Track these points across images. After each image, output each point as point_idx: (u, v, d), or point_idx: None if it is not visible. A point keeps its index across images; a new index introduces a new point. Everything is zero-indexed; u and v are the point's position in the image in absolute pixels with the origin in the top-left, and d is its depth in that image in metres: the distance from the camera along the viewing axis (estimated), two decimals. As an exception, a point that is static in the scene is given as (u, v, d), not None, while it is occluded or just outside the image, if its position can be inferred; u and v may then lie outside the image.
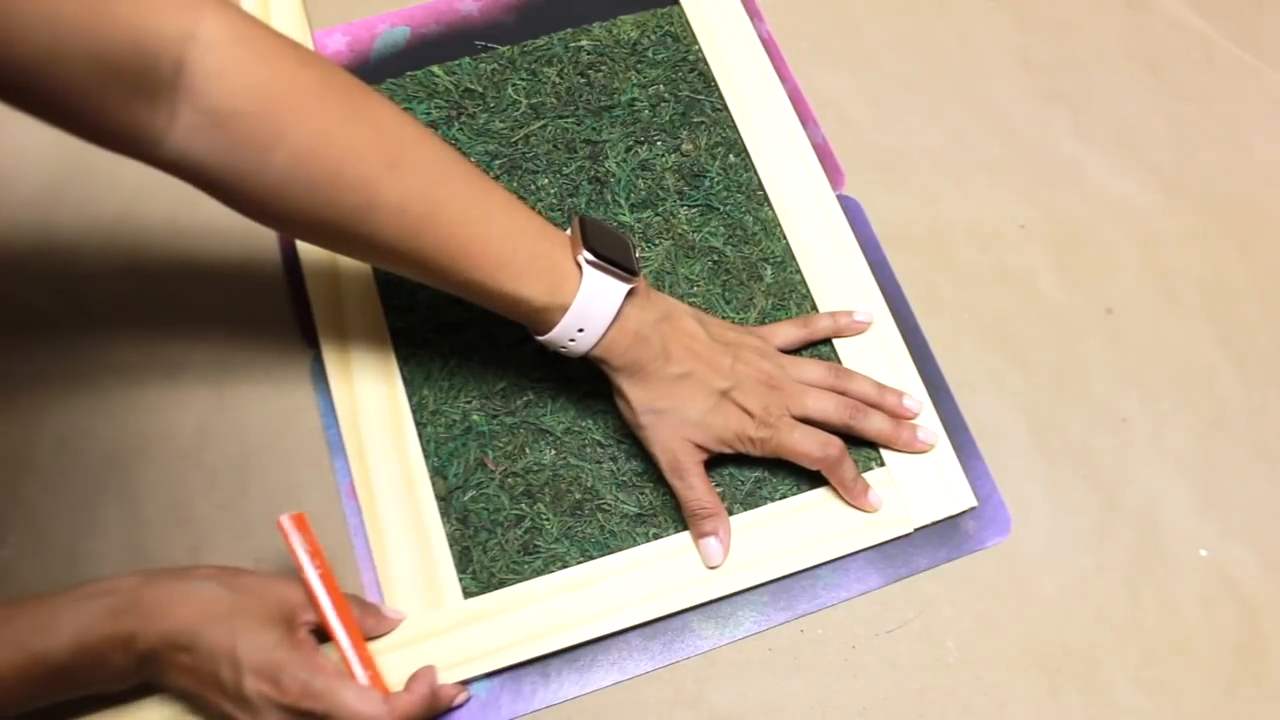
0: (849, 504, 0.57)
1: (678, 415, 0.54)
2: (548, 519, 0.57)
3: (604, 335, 0.51)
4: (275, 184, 0.45)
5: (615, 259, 0.51)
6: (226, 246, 0.63)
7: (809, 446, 0.55)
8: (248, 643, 0.47)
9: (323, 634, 0.51)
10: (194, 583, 0.48)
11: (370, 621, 0.53)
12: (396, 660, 0.53)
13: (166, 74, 0.41)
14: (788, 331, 0.60)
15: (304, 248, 0.62)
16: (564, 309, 0.50)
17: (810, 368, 0.58)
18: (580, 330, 0.51)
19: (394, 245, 0.48)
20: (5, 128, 0.65)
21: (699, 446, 0.54)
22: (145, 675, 0.48)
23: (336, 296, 0.61)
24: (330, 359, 0.60)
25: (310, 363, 0.60)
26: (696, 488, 0.54)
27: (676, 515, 0.57)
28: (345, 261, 0.62)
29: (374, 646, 0.53)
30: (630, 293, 0.52)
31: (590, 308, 0.50)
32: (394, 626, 0.53)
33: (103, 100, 0.41)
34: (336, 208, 0.46)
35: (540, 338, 0.52)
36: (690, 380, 0.53)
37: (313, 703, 0.47)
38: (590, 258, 0.50)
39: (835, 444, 0.55)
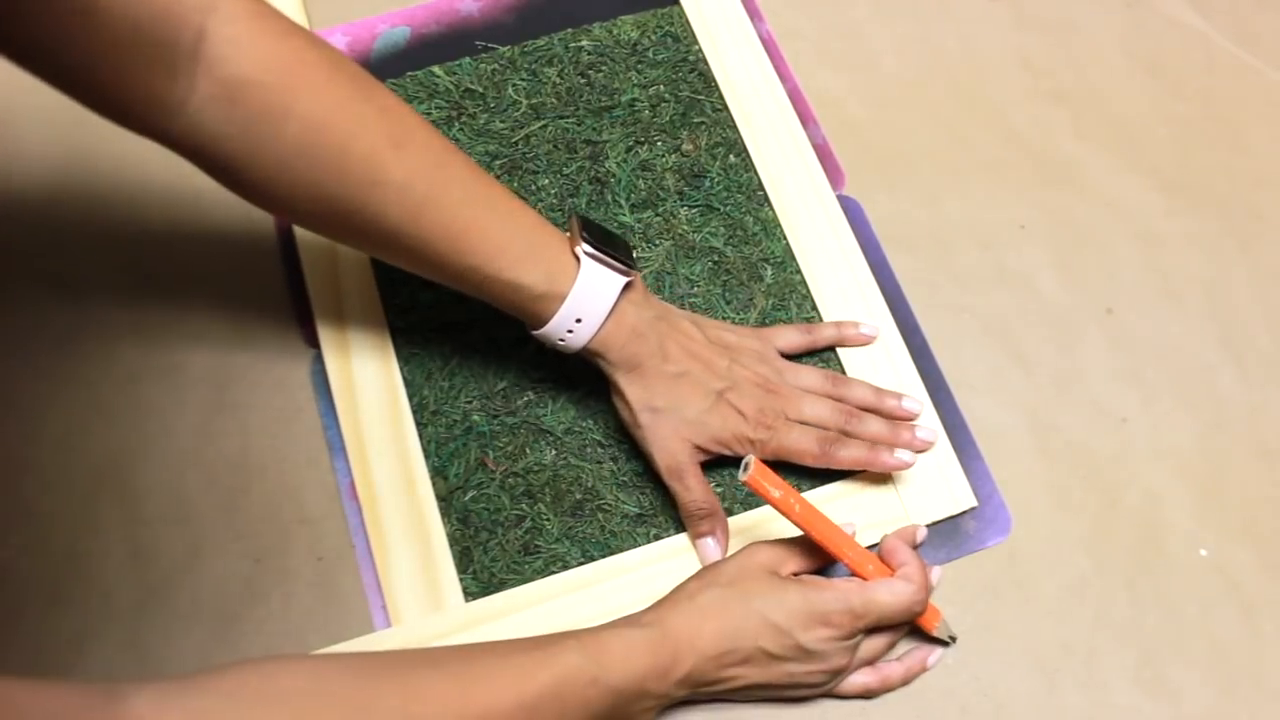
0: (883, 472, 0.57)
1: (675, 415, 0.54)
2: (548, 519, 0.57)
3: (601, 328, 0.52)
4: (285, 157, 0.46)
5: (612, 252, 0.52)
6: (227, 246, 0.63)
7: (808, 444, 0.55)
8: (776, 610, 0.48)
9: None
10: (697, 599, 0.49)
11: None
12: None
13: (188, 43, 0.43)
14: (790, 336, 0.60)
15: (304, 246, 0.62)
16: (561, 298, 0.50)
17: (807, 374, 0.58)
18: (578, 321, 0.51)
19: (396, 225, 0.48)
20: (6, 128, 0.65)
21: (697, 447, 0.54)
22: (681, 698, 0.49)
23: (336, 296, 0.61)
24: (330, 359, 0.60)
25: (310, 363, 0.60)
26: (694, 489, 0.54)
27: (677, 516, 0.57)
28: (345, 261, 0.62)
29: (370, 649, 0.53)
30: (628, 288, 0.52)
31: (587, 298, 0.51)
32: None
33: (128, 68, 0.42)
34: (342, 183, 0.47)
35: (537, 332, 0.52)
36: (687, 380, 0.54)
37: (864, 621, 0.50)
38: (588, 249, 0.51)
39: (831, 435, 0.56)
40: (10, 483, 0.57)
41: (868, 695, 0.53)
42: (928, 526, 0.57)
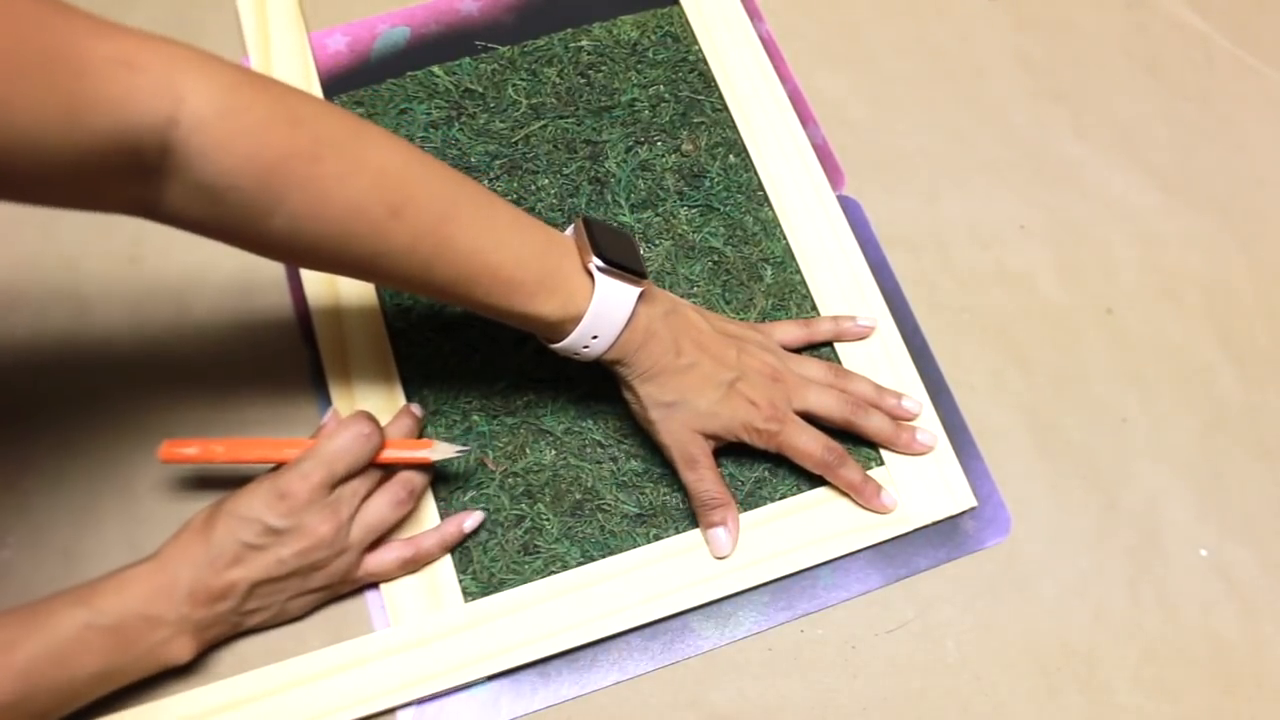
0: (862, 506, 0.57)
1: (688, 408, 0.54)
2: (548, 519, 0.57)
3: (617, 339, 0.51)
4: (278, 241, 0.45)
5: (625, 263, 0.51)
6: (227, 246, 0.63)
7: (813, 448, 0.55)
8: (243, 504, 0.50)
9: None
10: (191, 522, 0.52)
11: (395, 426, 0.56)
12: (399, 662, 0.53)
13: (151, 158, 0.40)
14: (790, 330, 0.60)
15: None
16: (578, 319, 0.50)
17: (811, 365, 0.58)
18: (594, 337, 0.51)
19: (405, 280, 0.48)
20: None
21: (709, 437, 0.55)
22: (214, 621, 0.51)
23: (336, 295, 0.61)
24: (329, 358, 0.60)
25: (310, 363, 0.60)
26: (707, 478, 0.55)
27: (676, 516, 0.57)
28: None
29: (373, 650, 0.53)
30: (639, 295, 0.52)
31: (603, 315, 0.50)
32: (416, 419, 0.57)
33: (86, 189, 0.40)
34: (342, 256, 0.46)
35: (553, 346, 0.52)
36: (696, 371, 0.54)
37: (318, 476, 0.50)
38: (601, 265, 0.50)
39: (837, 449, 0.56)
40: (10, 482, 0.57)
41: (410, 569, 0.54)
42: (927, 526, 0.57)
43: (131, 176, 0.41)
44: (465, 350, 0.61)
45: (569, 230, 0.53)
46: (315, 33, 0.69)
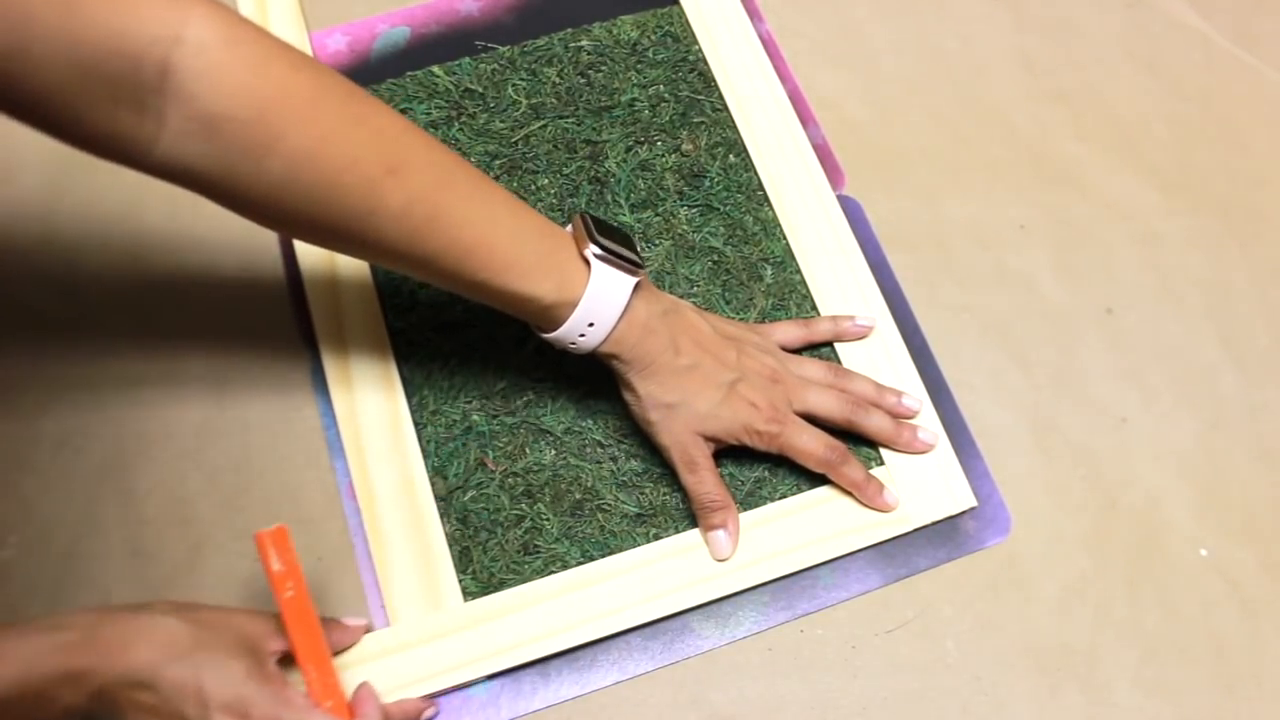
0: (865, 505, 0.57)
1: (688, 409, 0.54)
2: (548, 519, 0.57)
3: (613, 329, 0.51)
4: (271, 189, 0.44)
5: (621, 253, 0.51)
6: (227, 246, 0.63)
7: (815, 447, 0.55)
8: (213, 677, 0.45)
9: (290, 659, 0.50)
10: (153, 618, 0.46)
11: (335, 635, 0.52)
12: (398, 662, 0.53)
13: (150, 78, 0.40)
14: (789, 330, 0.60)
15: (303, 247, 0.62)
16: (573, 305, 0.50)
17: (811, 365, 0.58)
18: (590, 325, 0.51)
19: (397, 248, 0.48)
20: (6, 126, 0.65)
21: (708, 439, 0.54)
22: (98, 716, 0.45)
23: (335, 295, 0.61)
24: (329, 358, 0.60)
25: (310, 363, 0.60)
26: (707, 480, 0.55)
27: (676, 516, 0.57)
28: (345, 260, 0.62)
29: (373, 650, 0.53)
30: (636, 286, 0.52)
31: (599, 302, 0.50)
32: (358, 638, 0.53)
33: (83, 104, 0.39)
34: (336, 213, 0.45)
35: (548, 335, 0.52)
36: (697, 372, 0.54)
37: None
38: (598, 251, 0.50)
39: (839, 447, 0.56)
40: (10, 483, 0.57)
41: None
42: (927, 526, 0.57)
43: (128, 96, 0.40)
44: (465, 350, 0.61)
45: (567, 228, 0.53)
46: (315, 33, 0.69)
